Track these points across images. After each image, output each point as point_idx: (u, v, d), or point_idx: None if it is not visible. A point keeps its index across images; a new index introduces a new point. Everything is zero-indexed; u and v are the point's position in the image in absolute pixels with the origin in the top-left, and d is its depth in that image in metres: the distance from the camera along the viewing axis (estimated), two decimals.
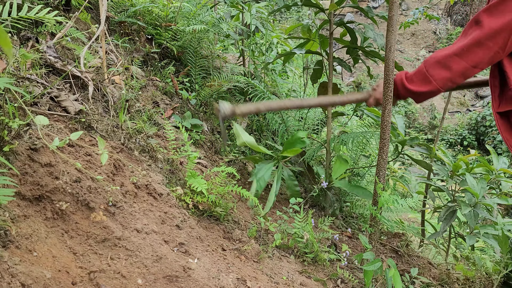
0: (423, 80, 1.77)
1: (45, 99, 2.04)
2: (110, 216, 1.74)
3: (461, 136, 13.81)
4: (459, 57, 1.63)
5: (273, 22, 6.65)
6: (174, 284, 1.64)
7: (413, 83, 1.83)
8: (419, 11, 4.65)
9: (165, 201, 2.12)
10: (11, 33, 2.21)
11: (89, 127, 2.14)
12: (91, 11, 3.27)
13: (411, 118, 15.91)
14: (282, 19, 19.56)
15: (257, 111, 1.89)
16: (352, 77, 18.05)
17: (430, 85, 1.74)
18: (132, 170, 2.09)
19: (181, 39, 3.60)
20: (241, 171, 3.27)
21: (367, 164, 3.89)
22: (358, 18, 20.61)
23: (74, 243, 1.55)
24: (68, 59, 2.50)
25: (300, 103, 2.03)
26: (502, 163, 2.95)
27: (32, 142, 1.66)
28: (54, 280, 1.34)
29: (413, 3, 22.39)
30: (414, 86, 1.82)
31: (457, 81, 1.69)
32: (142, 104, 2.84)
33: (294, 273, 2.28)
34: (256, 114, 3.93)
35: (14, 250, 1.34)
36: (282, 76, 4.88)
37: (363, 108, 3.29)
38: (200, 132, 3.24)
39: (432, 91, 1.76)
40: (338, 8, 2.88)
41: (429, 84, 1.74)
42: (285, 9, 3.06)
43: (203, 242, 2.08)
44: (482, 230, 2.70)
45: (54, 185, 1.61)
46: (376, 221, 2.60)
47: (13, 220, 1.40)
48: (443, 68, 1.69)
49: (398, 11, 2.39)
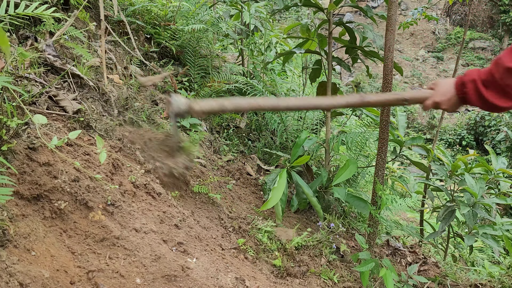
0: (500, 90, 1.40)
1: (43, 98, 2.04)
2: (109, 216, 1.74)
3: (460, 136, 13.83)
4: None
5: (272, 21, 6.65)
6: (172, 284, 1.64)
7: (491, 92, 1.42)
8: (418, 12, 4.65)
9: (164, 201, 2.12)
10: (9, 32, 2.20)
11: (87, 126, 2.14)
12: (89, 10, 3.27)
13: (410, 118, 15.92)
14: (281, 18, 19.56)
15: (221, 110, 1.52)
16: (351, 76, 18.07)
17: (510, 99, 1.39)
18: (131, 170, 2.09)
19: (180, 39, 3.60)
20: (239, 170, 3.27)
21: (366, 164, 3.89)
22: (357, 18, 20.62)
23: (73, 242, 1.55)
24: (67, 58, 2.49)
25: (277, 103, 1.59)
26: (501, 163, 2.95)
27: (31, 141, 1.66)
28: (52, 279, 1.33)
29: (412, 3, 22.41)
30: (492, 96, 1.41)
31: None
32: (141, 103, 2.84)
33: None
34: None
35: (12, 249, 1.33)
36: (281, 76, 4.88)
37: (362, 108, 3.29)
38: (199, 132, 3.24)
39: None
40: (337, 8, 2.88)
41: (508, 98, 1.39)
42: (284, 9, 3.05)
43: (201, 241, 2.08)
44: (480, 230, 2.70)
45: (53, 184, 1.61)
46: (375, 221, 2.60)
47: (11, 219, 1.40)
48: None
49: (397, 11, 2.39)
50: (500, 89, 1.38)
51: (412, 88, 18.23)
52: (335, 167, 3.51)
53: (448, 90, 1.53)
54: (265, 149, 3.78)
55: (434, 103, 1.56)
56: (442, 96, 1.55)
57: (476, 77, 1.44)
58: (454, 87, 1.51)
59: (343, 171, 2.84)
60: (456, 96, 1.52)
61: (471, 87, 1.45)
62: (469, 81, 1.46)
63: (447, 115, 15.38)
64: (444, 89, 1.55)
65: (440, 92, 1.56)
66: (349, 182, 3.61)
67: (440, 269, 3.10)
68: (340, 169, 2.87)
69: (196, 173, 2.71)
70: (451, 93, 1.52)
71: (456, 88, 1.50)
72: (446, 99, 1.54)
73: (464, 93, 1.49)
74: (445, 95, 1.54)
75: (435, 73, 19.49)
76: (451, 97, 1.52)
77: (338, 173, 2.85)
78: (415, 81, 18.81)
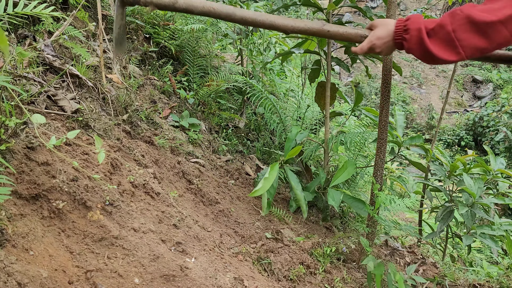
0: (447, 42, 1.34)
1: (42, 97, 2.03)
2: (107, 215, 1.74)
3: (458, 136, 13.86)
4: (504, 25, 1.27)
5: None
6: (171, 284, 1.64)
7: (434, 42, 1.36)
8: (418, 13, 4.66)
9: (162, 200, 2.12)
10: (8, 31, 2.20)
11: (86, 126, 2.13)
12: (88, 9, 3.26)
13: (409, 118, 15.94)
14: None
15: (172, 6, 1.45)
16: (350, 77, 18.07)
17: (454, 53, 1.34)
18: (129, 169, 2.09)
19: (179, 38, 3.60)
20: (238, 170, 3.27)
21: (365, 164, 3.89)
22: (356, 18, 20.63)
23: (71, 242, 1.55)
24: (65, 57, 2.49)
25: (233, 12, 1.47)
26: (499, 163, 2.96)
27: (29, 141, 1.65)
28: (51, 279, 1.33)
29: (411, 3, 22.43)
30: (434, 47, 1.36)
31: (489, 52, 1.34)
32: (139, 103, 2.83)
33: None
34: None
35: (11, 249, 1.33)
36: (280, 76, 4.88)
37: (361, 108, 3.29)
38: (198, 132, 3.24)
39: (453, 61, 1.38)
40: (337, 8, 2.88)
41: (453, 51, 1.34)
42: (283, 8, 3.05)
43: (200, 241, 2.08)
44: (479, 230, 2.70)
45: (51, 184, 1.60)
46: (374, 221, 2.60)
47: (9, 219, 1.40)
48: (478, 35, 1.30)
49: (396, 11, 2.39)
50: (447, 41, 1.34)
51: (411, 89, 18.25)
52: (334, 167, 3.52)
53: (386, 34, 1.47)
54: (264, 148, 3.78)
55: (368, 46, 1.51)
56: (377, 40, 1.50)
57: (421, 25, 1.39)
58: (393, 32, 1.46)
59: (341, 172, 2.83)
60: (393, 41, 1.47)
61: (415, 34, 1.39)
62: (415, 29, 1.40)
63: (446, 115, 15.40)
64: (382, 32, 1.49)
65: (377, 34, 1.50)
66: (348, 183, 3.61)
67: (438, 269, 3.10)
68: (338, 170, 2.86)
69: (195, 173, 2.71)
70: (389, 37, 1.47)
71: (395, 33, 1.45)
72: (381, 43, 1.49)
73: (403, 39, 1.43)
74: (381, 39, 1.49)
75: (434, 73, 19.52)
76: (387, 41, 1.48)
77: (336, 175, 2.84)
78: (414, 81, 18.82)
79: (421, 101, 17.38)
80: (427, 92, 18.22)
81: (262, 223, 2.74)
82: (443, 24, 1.34)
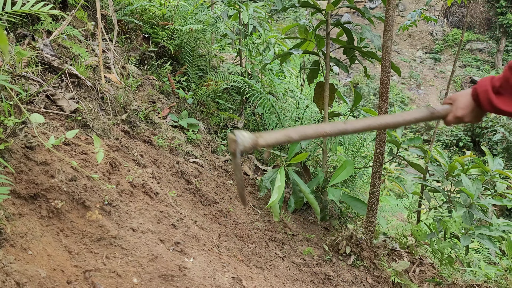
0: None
1: (41, 97, 2.03)
2: (106, 215, 1.74)
3: (456, 137, 13.89)
4: None
5: (270, 22, 6.66)
6: (169, 283, 1.64)
7: (503, 99, 1.38)
8: (417, 14, 4.66)
9: (161, 200, 2.12)
10: (7, 30, 2.20)
11: (85, 125, 2.13)
12: (87, 9, 3.26)
13: None
14: (279, 19, 19.57)
15: (287, 141, 1.53)
16: (349, 77, 18.10)
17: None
18: (128, 169, 2.09)
19: (178, 38, 3.60)
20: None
21: (363, 165, 3.90)
22: (355, 19, 20.65)
23: (70, 241, 1.55)
24: (64, 57, 2.49)
25: (344, 127, 1.55)
26: (497, 164, 2.97)
27: (28, 140, 1.65)
28: (49, 278, 1.33)
29: (410, 4, 22.47)
30: (505, 104, 1.38)
31: None
32: (138, 103, 2.83)
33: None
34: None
35: (9, 248, 1.33)
36: (279, 76, 4.88)
37: (359, 108, 3.29)
38: (197, 131, 3.24)
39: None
40: (335, 9, 2.88)
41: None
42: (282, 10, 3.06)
43: (199, 241, 2.08)
44: (477, 230, 2.71)
45: (50, 184, 1.60)
46: (372, 221, 2.61)
47: (8, 219, 1.40)
48: None
49: (395, 12, 2.39)
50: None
51: (409, 90, 18.28)
52: (332, 167, 3.52)
53: (468, 103, 1.50)
54: (263, 148, 3.77)
55: (456, 118, 1.53)
56: (463, 110, 1.52)
57: (488, 86, 1.41)
58: (472, 99, 1.49)
59: (340, 171, 2.84)
60: (477, 107, 1.48)
61: (484, 97, 1.42)
62: (482, 92, 1.43)
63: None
64: (463, 102, 1.52)
65: (460, 106, 1.53)
66: (346, 183, 3.61)
67: (436, 270, 3.11)
68: (337, 169, 2.87)
69: (194, 173, 2.71)
70: (472, 105, 1.49)
71: (473, 100, 1.48)
72: (468, 112, 1.51)
73: (476, 99, 1.46)
74: (466, 108, 1.51)
75: (432, 74, 19.56)
76: (472, 108, 1.50)
77: (335, 174, 2.85)
78: (412, 82, 18.86)
79: (420, 102, 17.41)
80: (426, 92, 18.26)
81: (261, 223, 2.74)
82: (507, 78, 1.35)
